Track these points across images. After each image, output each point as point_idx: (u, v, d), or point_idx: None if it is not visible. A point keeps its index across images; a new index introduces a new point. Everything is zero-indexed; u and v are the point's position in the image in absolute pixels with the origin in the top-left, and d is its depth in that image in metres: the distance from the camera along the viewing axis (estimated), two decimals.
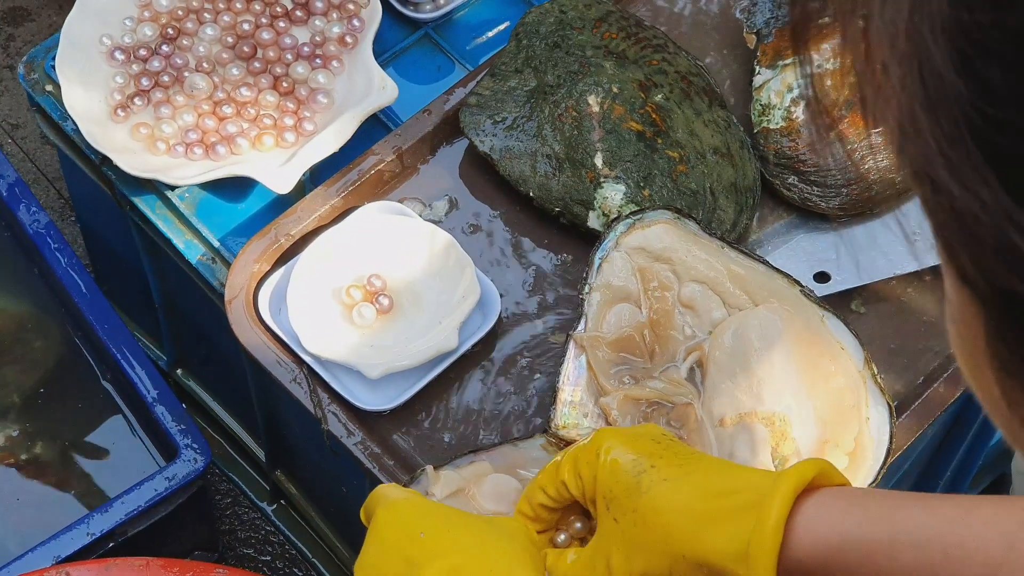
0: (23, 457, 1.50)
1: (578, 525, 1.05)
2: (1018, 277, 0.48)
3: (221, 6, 1.42)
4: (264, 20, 1.41)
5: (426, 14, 1.46)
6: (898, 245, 1.30)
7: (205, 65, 1.40)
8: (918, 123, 0.49)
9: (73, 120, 1.37)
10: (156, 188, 1.37)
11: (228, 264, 1.33)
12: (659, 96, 1.33)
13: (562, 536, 1.05)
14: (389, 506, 0.99)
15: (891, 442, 1.16)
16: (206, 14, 1.41)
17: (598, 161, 1.29)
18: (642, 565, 0.94)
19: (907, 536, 0.85)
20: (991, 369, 0.52)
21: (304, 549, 1.63)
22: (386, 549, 0.97)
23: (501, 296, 1.27)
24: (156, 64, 1.39)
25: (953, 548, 0.83)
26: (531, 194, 1.30)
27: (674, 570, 0.93)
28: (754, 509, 0.90)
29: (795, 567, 0.89)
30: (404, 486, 1.10)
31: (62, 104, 1.38)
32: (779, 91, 1.32)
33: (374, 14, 1.42)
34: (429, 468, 1.11)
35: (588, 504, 1.01)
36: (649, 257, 1.22)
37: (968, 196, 0.48)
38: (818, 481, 0.93)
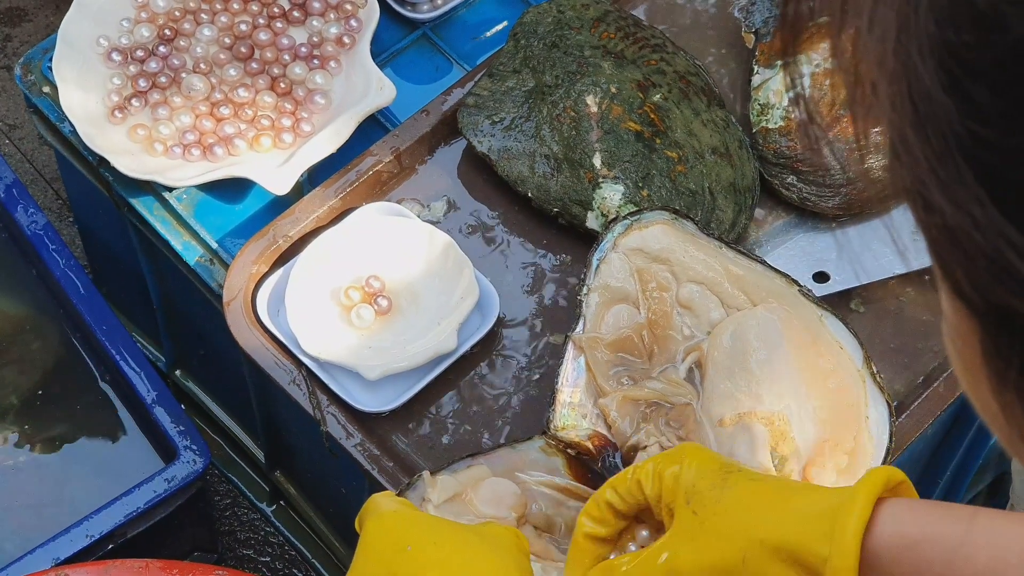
0: (21, 459, 1.50)
1: (644, 533, 1.03)
2: (1012, 292, 0.48)
3: (218, 7, 1.41)
4: (261, 21, 1.41)
5: (424, 14, 1.46)
6: (897, 245, 1.29)
7: (202, 66, 1.39)
8: (908, 141, 0.49)
9: (70, 121, 1.37)
10: (154, 189, 1.37)
11: (226, 265, 1.33)
12: (657, 96, 1.32)
13: (631, 545, 1.04)
14: (377, 518, 0.99)
15: (891, 441, 1.15)
16: (203, 15, 1.41)
17: (596, 161, 1.29)
18: (715, 555, 0.93)
19: (984, 537, 0.85)
20: (988, 383, 0.52)
21: (303, 550, 1.63)
22: (373, 563, 0.97)
23: (500, 297, 1.27)
24: (153, 65, 1.39)
25: None
26: (529, 194, 1.30)
27: (747, 559, 0.92)
28: (843, 496, 0.90)
29: (873, 560, 0.89)
30: (401, 492, 1.09)
31: (59, 105, 1.38)
32: (778, 91, 1.32)
33: (372, 14, 1.41)
34: (426, 473, 1.11)
35: (662, 509, 0.99)
36: (647, 258, 1.21)
37: (960, 214, 0.48)
38: (898, 491, 0.93)
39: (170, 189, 1.36)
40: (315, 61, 1.40)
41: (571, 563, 1.02)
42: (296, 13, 1.42)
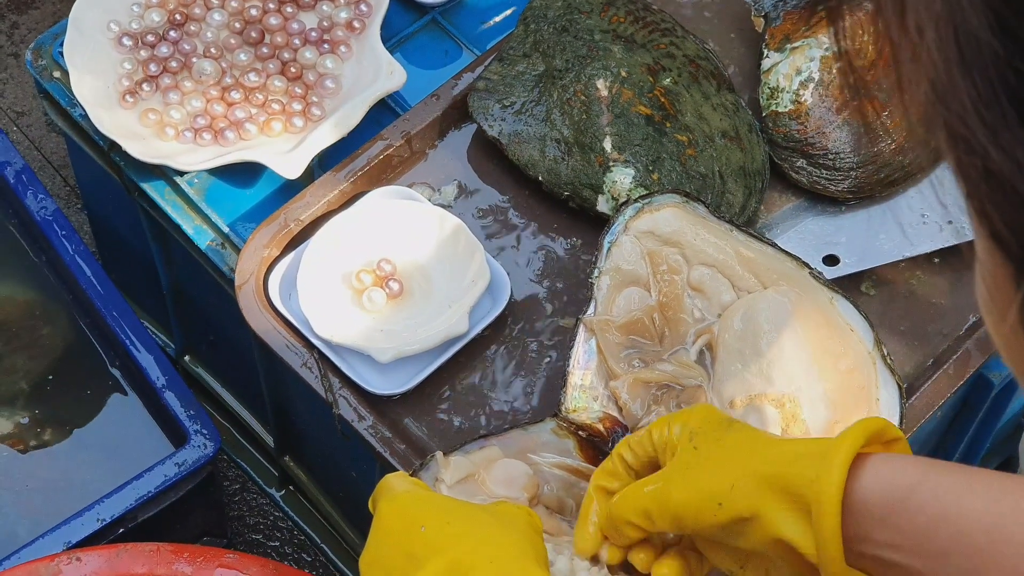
0: (32, 443, 1.50)
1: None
2: None
3: None
4: (272, 5, 1.41)
5: None
6: (907, 227, 1.30)
7: (213, 51, 1.40)
8: (954, 84, 0.49)
9: (81, 106, 1.37)
10: (165, 174, 1.37)
11: (237, 250, 1.33)
12: (667, 80, 1.33)
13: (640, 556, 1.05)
14: (391, 499, 0.99)
15: (901, 423, 1.16)
16: (213, 0, 1.41)
17: (607, 145, 1.29)
18: (704, 480, 0.94)
19: (980, 486, 0.85)
20: (1022, 334, 0.53)
21: (313, 534, 1.64)
22: (388, 544, 0.97)
23: (511, 280, 1.27)
24: (164, 50, 1.39)
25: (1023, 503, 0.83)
26: (540, 178, 1.30)
27: (736, 486, 0.93)
28: (834, 439, 0.91)
29: (859, 509, 0.88)
30: (414, 473, 1.10)
31: (70, 90, 1.38)
32: (787, 74, 1.32)
33: None
34: (439, 454, 1.11)
35: (667, 453, 1.00)
36: (658, 241, 1.22)
37: (1003, 156, 0.48)
38: (890, 448, 0.93)
39: (181, 173, 1.36)
40: (325, 46, 1.40)
41: (582, 516, 1.04)
42: None
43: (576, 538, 1.05)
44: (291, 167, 1.32)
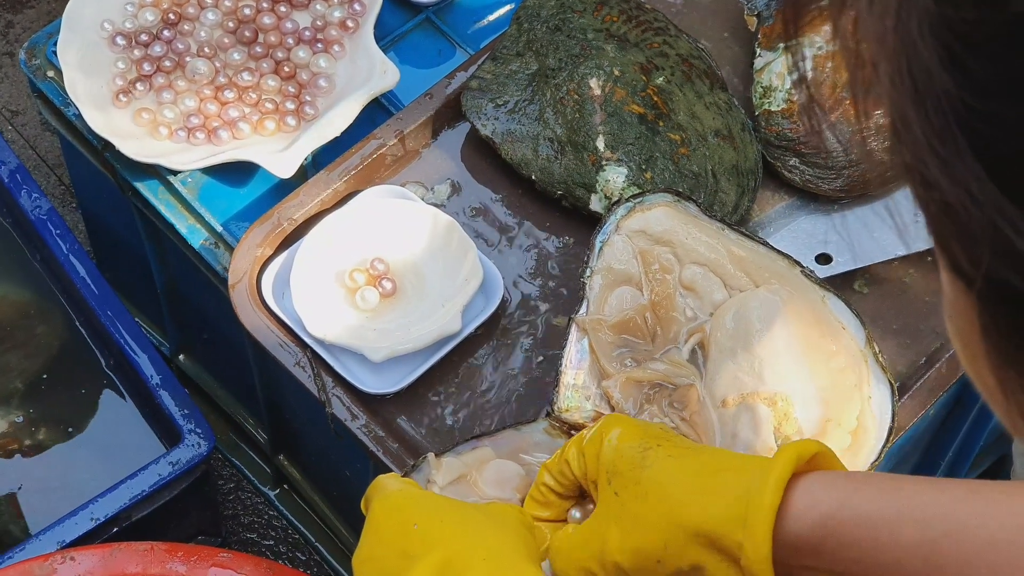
0: (27, 443, 1.50)
1: (590, 506, 1.05)
2: (1009, 268, 0.49)
3: None
4: (265, 5, 1.41)
5: None
6: (900, 226, 1.30)
7: (207, 50, 1.40)
8: (908, 119, 0.50)
9: (75, 105, 1.37)
10: (158, 173, 1.37)
11: (231, 249, 1.33)
12: (660, 79, 1.33)
13: (577, 513, 1.05)
14: (384, 498, 0.99)
15: (893, 421, 1.16)
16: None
17: (600, 144, 1.29)
18: (638, 540, 0.95)
19: (909, 511, 0.85)
20: (986, 359, 0.53)
21: (307, 533, 1.64)
22: (381, 542, 0.97)
23: (503, 279, 1.27)
24: (158, 49, 1.39)
25: (956, 525, 0.83)
26: (533, 177, 1.30)
27: (669, 544, 0.93)
28: (756, 476, 0.91)
29: (793, 542, 0.89)
30: (406, 474, 1.10)
31: (64, 90, 1.38)
32: (780, 73, 1.32)
33: None
34: (431, 455, 1.11)
35: (589, 485, 1.01)
36: (650, 240, 1.22)
37: (958, 189, 0.49)
38: (817, 463, 0.93)
39: (175, 173, 1.36)
40: (319, 45, 1.40)
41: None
42: None
43: None
44: (284, 166, 1.32)
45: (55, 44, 1.39)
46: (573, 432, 1.16)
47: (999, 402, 0.55)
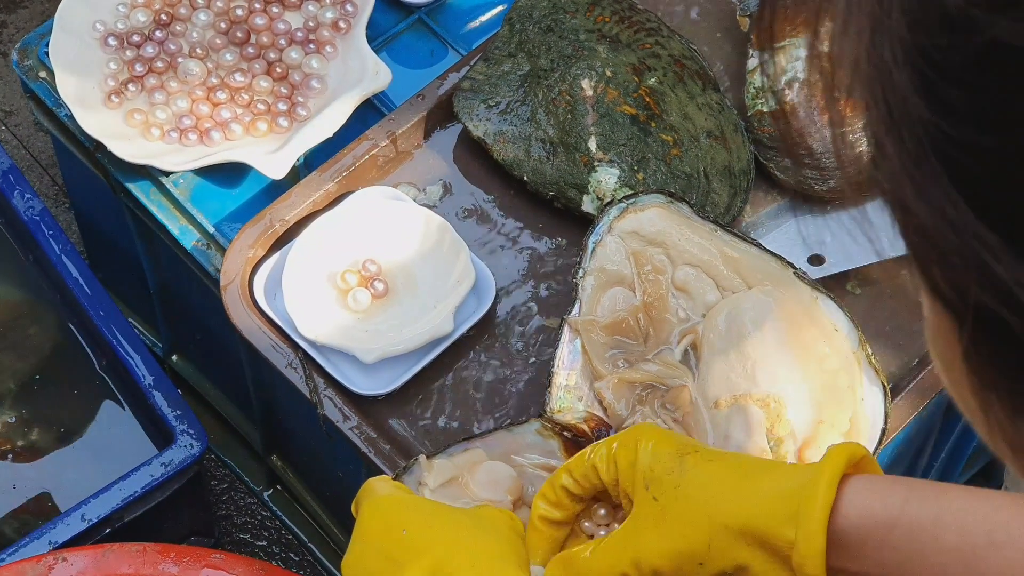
0: (19, 444, 1.50)
1: (602, 512, 1.04)
2: (987, 292, 0.49)
3: None
4: (257, 5, 1.41)
5: None
6: (893, 227, 1.30)
7: (199, 51, 1.40)
8: (883, 144, 0.50)
9: (67, 106, 1.37)
10: (150, 174, 1.37)
11: (223, 250, 1.33)
12: (652, 80, 1.33)
13: (586, 524, 1.04)
14: (372, 503, 0.99)
15: (886, 422, 1.16)
16: (199, 0, 1.41)
17: (592, 145, 1.29)
18: (679, 542, 0.93)
19: (952, 516, 0.85)
20: (968, 381, 0.53)
21: (300, 534, 1.63)
22: (369, 547, 0.97)
23: (496, 280, 1.27)
24: (150, 50, 1.39)
25: (997, 532, 0.83)
26: (525, 178, 1.30)
27: (713, 544, 0.92)
28: (805, 475, 0.90)
29: (839, 540, 0.89)
30: (397, 476, 1.10)
31: (56, 90, 1.38)
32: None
33: None
34: (422, 458, 1.11)
35: (618, 492, 0.99)
36: (643, 241, 1.22)
37: (934, 215, 0.49)
38: (861, 467, 0.93)
39: (167, 174, 1.36)
40: (311, 46, 1.40)
41: (529, 546, 1.03)
42: None
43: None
44: (276, 167, 1.32)
45: (47, 45, 1.39)
46: (566, 433, 1.16)
47: (981, 423, 0.55)
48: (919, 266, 0.52)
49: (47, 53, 1.39)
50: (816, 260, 1.29)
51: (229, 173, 1.37)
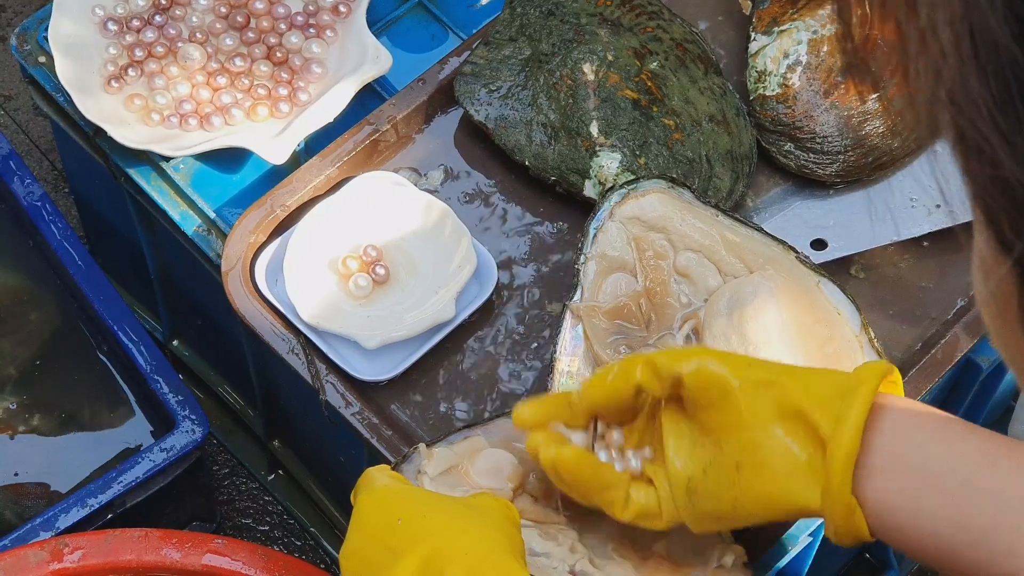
0: (20, 429, 1.50)
1: (616, 435, 1.04)
2: None
3: None
4: None
5: None
6: (896, 211, 1.30)
7: (198, 35, 1.39)
8: (967, 86, 0.48)
9: (66, 91, 1.36)
10: (151, 159, 1.37)
11: (224, 235, 1.33)
12: (654, 64, 1.32)
13: (604, 454, 1.05)
14: (369, 492, 1.00)
15: None
16: None
17: (593, 130, 1.28)
18: (733, 443, 0.95)
19: (1003, 458, 0.87)
20: (1020, 325, 0.52)
21: (303, 519, 1.63)
22: (365, 537, 0.97)
23: (497, 265, 1.27)
24: (149, 35, 1.38)
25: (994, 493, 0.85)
26: (526, 163, 1.30)
27: (768, 437, 0.94)
28: (846, 377, 0.93)
29: (871, 456, 0.91)
30: (397, 464, 1.10)
31: (55, 76, 1.38)
32: (775, 57, 1.31)
33: None
34: (422, 446, 1.11)
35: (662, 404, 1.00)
36: (644, 226, 1.21)
37: (1016, 164, 0.47)
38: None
39: (167, 159, 1.36)
40: (311, 30, 1.40)
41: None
42: None
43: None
44: (277, 153, 1.32)
45: (46, 29, 1.39)
46: None
47: (1022, 369, 0.55)
48: (985, 214, 0.51)
49: (46, 38, 1.39)
50: (819, 244, 1.28)
51: (230, 158, 1.36)
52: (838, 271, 1.27)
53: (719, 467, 0.96)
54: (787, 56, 1.31)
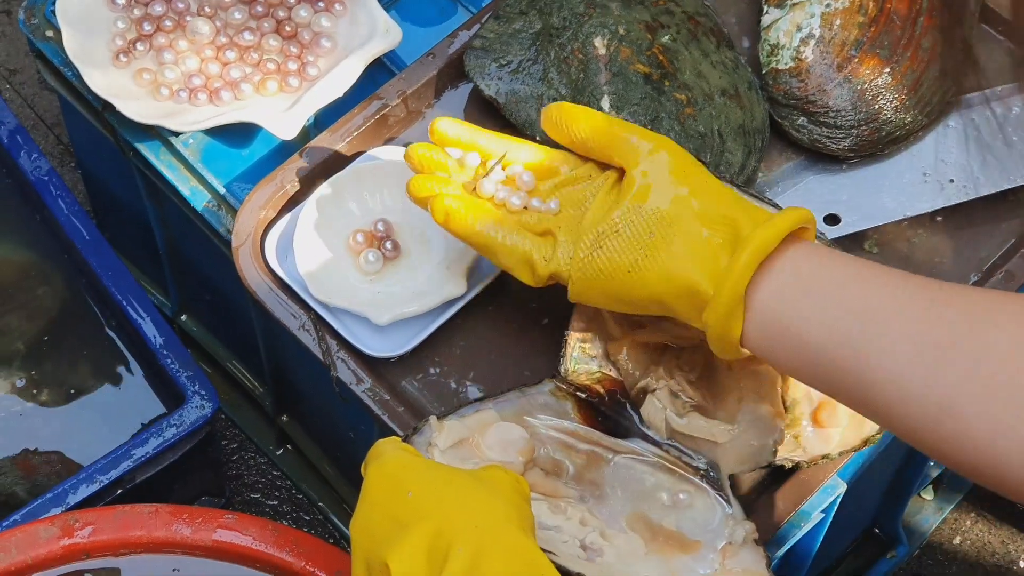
0: (29, 405, 1.50)
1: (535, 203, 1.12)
2: None
3: None
4: None
5: None
6: (909, 186, 1.29)
7: (207, 9, 1.38)
8: None
9: (74, 66, 1.36)
10: (160, 134, 1.36)
11: (234, 211, 1.33)
12: (666, 37, 1.32)
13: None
14: (379, 465, 1.00)
15: None
16: None
17: (605, 104, 1.28)
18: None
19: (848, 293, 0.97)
20: None
21: (311, 494, 1.64)
22: (375, 509, 0.98)
23: None
24: (158, 8, 1.38)
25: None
26: (537, 138, 1.29)
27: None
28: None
29: (766, 295, 1.00)
30: (408, 437, 1.10)
31: (63, 50, 1.37)
32: (788, 31, 1.31)
33: None
34: (433, 419, 1.11)
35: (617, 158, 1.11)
36: None
37: None
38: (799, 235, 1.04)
39: (176, 134, 1.35)
40: (320, 4, 1.39)
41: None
42: None
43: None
44: (287, 127, 1.31)
45: (54, 3, 1.38)
46: (579, 394, 1.16)
47: None
48: None
49: (54, 12, 1.38)
50: (832, 219, 1.28)
51: (239, 133, 1.36)
52: (851, 246, 1.27)
53: (634, 228, 1.05)
54: (800, 29, 1.30)
